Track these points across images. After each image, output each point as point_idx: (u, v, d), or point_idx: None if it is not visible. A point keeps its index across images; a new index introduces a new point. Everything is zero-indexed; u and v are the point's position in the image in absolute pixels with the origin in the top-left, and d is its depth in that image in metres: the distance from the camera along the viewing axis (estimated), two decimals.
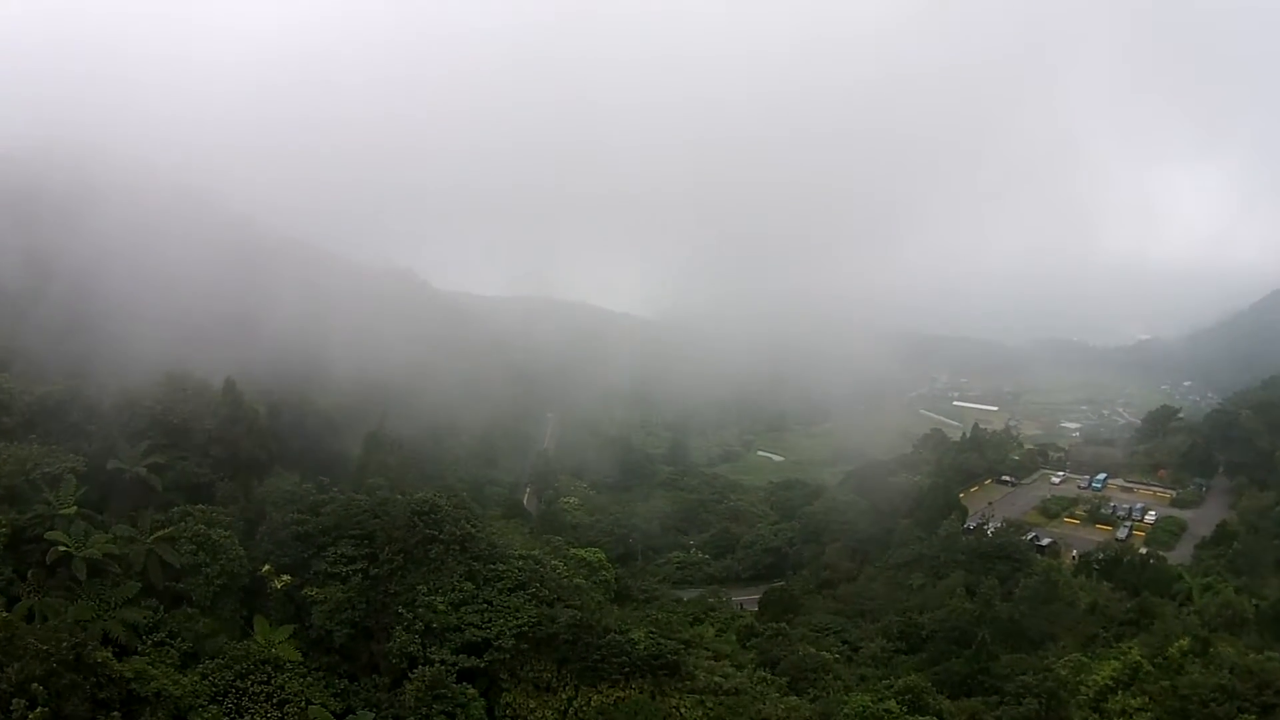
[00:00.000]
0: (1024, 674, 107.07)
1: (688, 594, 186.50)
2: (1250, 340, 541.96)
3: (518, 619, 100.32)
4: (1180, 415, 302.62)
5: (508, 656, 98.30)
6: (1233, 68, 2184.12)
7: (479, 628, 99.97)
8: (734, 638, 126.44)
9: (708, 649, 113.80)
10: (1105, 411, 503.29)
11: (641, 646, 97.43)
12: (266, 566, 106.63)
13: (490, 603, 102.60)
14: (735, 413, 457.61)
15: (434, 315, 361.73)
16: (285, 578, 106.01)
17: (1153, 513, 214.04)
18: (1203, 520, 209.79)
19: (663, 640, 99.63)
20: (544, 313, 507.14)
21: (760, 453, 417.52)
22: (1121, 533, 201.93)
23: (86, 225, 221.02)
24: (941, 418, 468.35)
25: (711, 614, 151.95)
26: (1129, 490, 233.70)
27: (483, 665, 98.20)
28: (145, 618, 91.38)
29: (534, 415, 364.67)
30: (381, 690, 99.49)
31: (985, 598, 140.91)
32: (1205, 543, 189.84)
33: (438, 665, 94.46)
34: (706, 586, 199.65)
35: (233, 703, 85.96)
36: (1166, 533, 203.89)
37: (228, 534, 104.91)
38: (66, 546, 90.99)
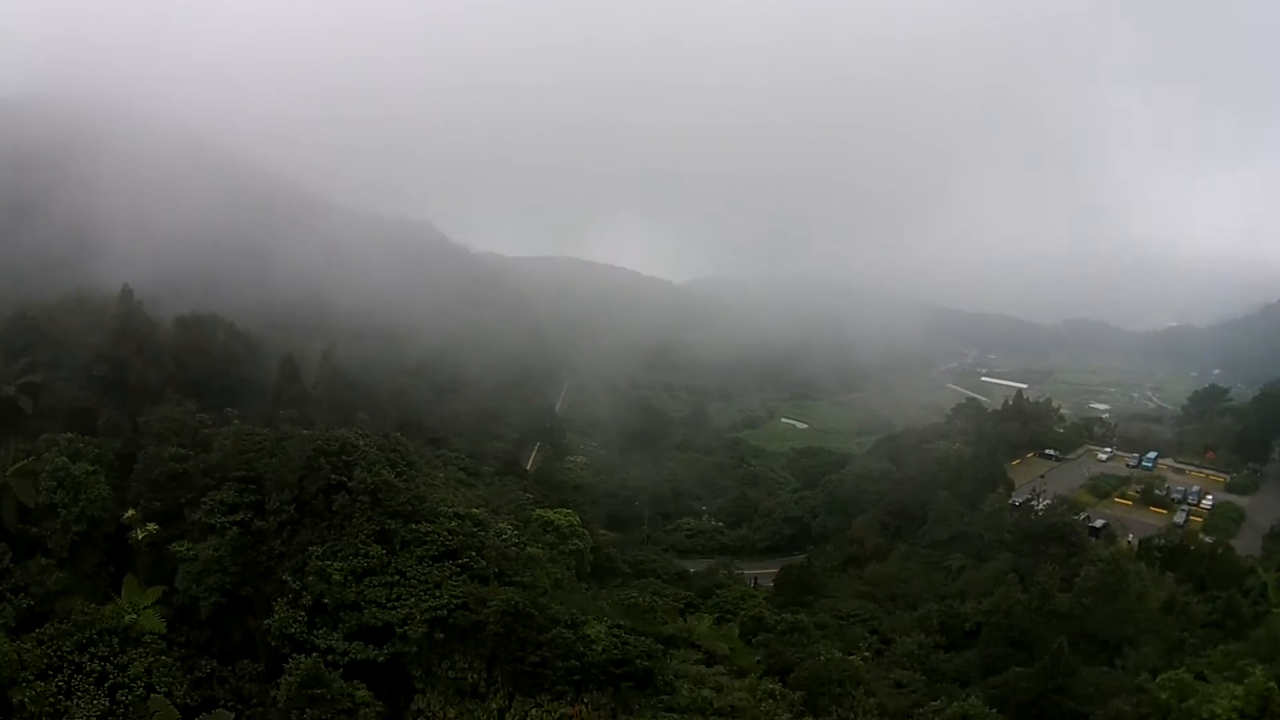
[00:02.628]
0: (1114, 695, 76.16)
1: (696, 565, 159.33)
2: None
3: (435, 599, 70.52)
4: (1229, 396, 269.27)
5: (416, 650, 68.42)
6: (1274, 64, 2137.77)
7: (382, 607, 70.38)
8: (736, 631, 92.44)
9: (699, 648, 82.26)
10: (1134, 395, 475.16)
11: (599, 648, 67.21)
12: (130, 511, 79.23)
13: (403, 574, 72.99)
14: (760, 379, 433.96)
15: (452, 269, 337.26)
16: (151, 527, 78.44)
17: (1210, 497, 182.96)
18: (1261, 508, 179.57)
19: (631, 638, 69.19)
20: (571, 273, 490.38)
21: (784, 420, 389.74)
22: (1179, 517, 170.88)
23: (88, 172, 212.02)
24: (970, 392, 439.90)
25: (717, 592, 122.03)
26: (1180, 472, 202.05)
27: (382, 659, 68.37)
28: None
29: (552, 373, 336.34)
30: (254, 679, 71.99)
31: (1042, 588, 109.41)
32: (1276, 532, 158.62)
33: (315, 656, 65.59)
34: (718, 557, 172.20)
35: (64, 680, 65.67)
36: (1226, 519, 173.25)
37: (94, 470, 78.28)
38: None
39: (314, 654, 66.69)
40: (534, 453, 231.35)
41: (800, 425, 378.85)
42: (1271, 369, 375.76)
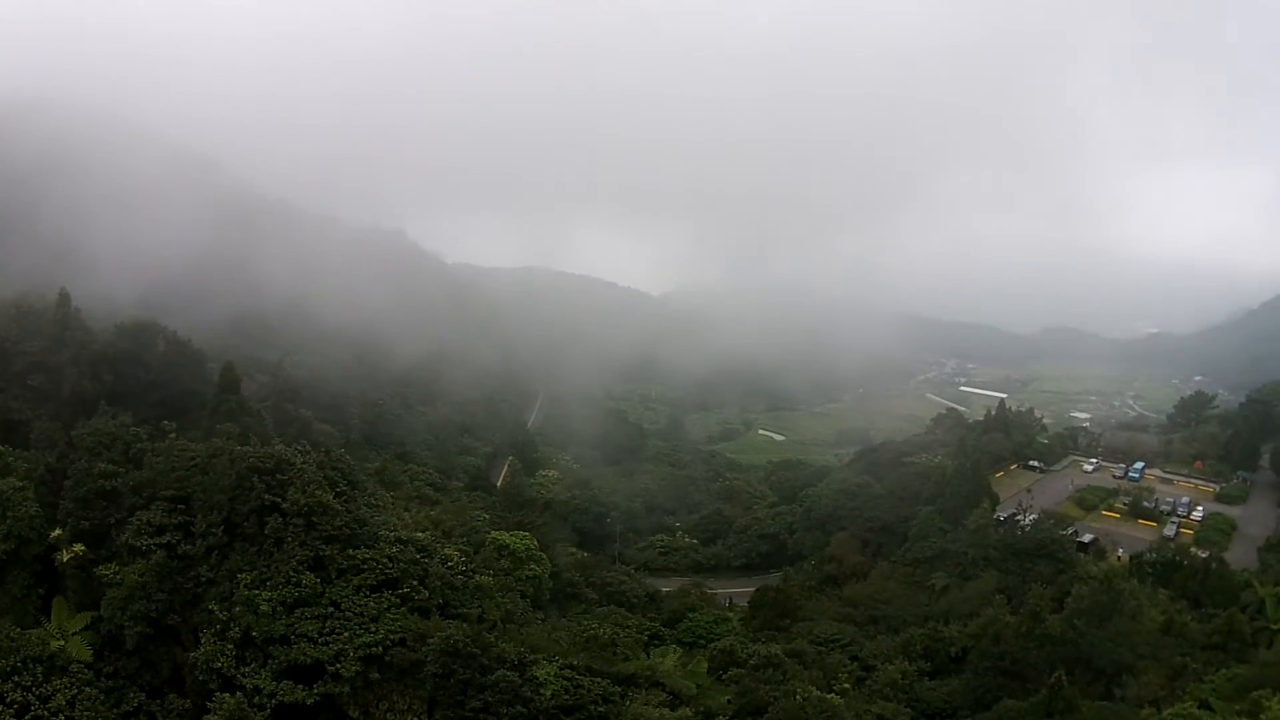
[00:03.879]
0: None
1: (669, 584, 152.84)
2: (1261, 340, 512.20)
3: (371, 634, 63.64)
4: (1215, 404, 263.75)
5: (349, 690, 61.51)
6: (1254, 73, 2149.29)
7: (313, 642, 63.44)
8: (705, 666, 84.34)
9: (663, 687, 73.93)
10: (1115, 403, 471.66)
11: (548, 692, 60.70)
12: (57, 531, 72.75)
13: (337, 605, 65.98)
14: (738, 391, 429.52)
15: (425, 279, 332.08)
16: (78, 548, 71.82)
17: (1200, 508, 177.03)
18: (1252, 518, 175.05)
19: (585, 680, 62.42)
20: (548, 284, 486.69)
21: (761, 432, 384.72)
22: (1169, 530, 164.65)
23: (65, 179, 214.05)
24: (948, 403, 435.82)
25: (689, 616, 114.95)
26: (1168, 482, 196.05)
27: (312, 700, 61.52)
28: None
29: (527, 385, 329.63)
30: (182, 717, 65.92)
31: (1032, 609, 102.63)
32: (1271, 544, 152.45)
33: (240, 697, 59.50)
34: (691, 576, 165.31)
35: None
36: (1217, 531, 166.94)
37: (22, 485, 72.68)
38: None
39: (239, 694, 60.21)
40: (506, 467, 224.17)
41: (778, 437, 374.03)
42: (1253, 375, 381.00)
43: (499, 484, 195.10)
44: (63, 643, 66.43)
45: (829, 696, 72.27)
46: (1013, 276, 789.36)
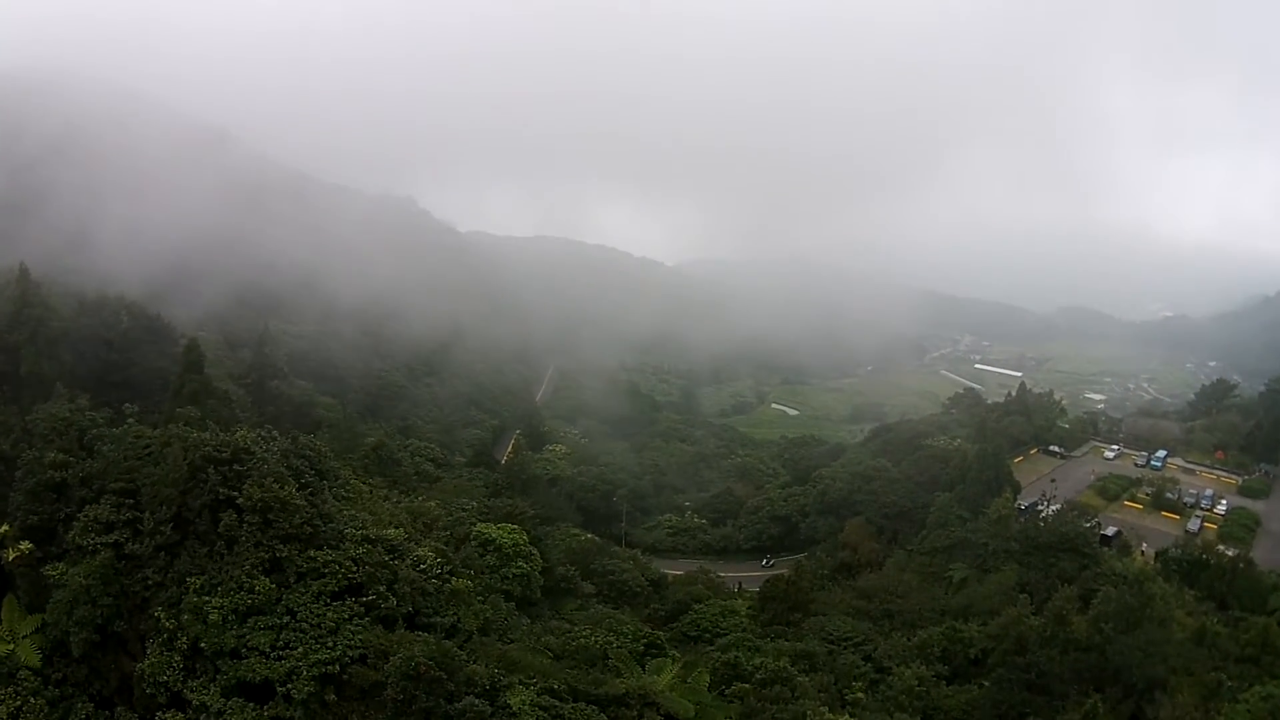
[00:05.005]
0: None
1: (677, 566, 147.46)
2: (1277, 327, 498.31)
3: (328, 650, 56.09)
4: (1236, 392, 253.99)
5: (299, 714, 54.08)
6: (1276, 60, 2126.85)
7: (265, 656, 55.99)
8: (706, 679, 75.01)
9: (657, 707, 65.41)
10: (1130, 386, 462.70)
11: None
12: (4, 527, 65.28)
13: (294, 614, 58.39)
14: (752, 363, 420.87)
15: (436, 248, 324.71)
16: (24, 545, 64.37)
17: (1224, 502, 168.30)
18: (1275, 514, 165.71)
19: (567, 709, 54.77)
20: (562, 254, 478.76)
21: (775, 405, 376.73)
22: (1193, 525, 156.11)
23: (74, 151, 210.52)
24: (964, 380, 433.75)
25: (695, 608, 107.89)
26: (1190, 472, 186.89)
27: None
28: None
29: (538, 356, 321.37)
30: None
31: (1058, 612, 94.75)
32: None
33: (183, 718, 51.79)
34: (700, 559, 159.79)
35: None
36: (1241, 527, 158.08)
37: None
38: None
39: (187, 712, 53.10)
40: (513, 441, 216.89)
41: (791, 412, 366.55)
42: (1268, 362, 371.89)
43: (505, 459, 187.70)
44: (11, 646, 60.93)
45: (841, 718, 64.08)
46: (1029, 255, 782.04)
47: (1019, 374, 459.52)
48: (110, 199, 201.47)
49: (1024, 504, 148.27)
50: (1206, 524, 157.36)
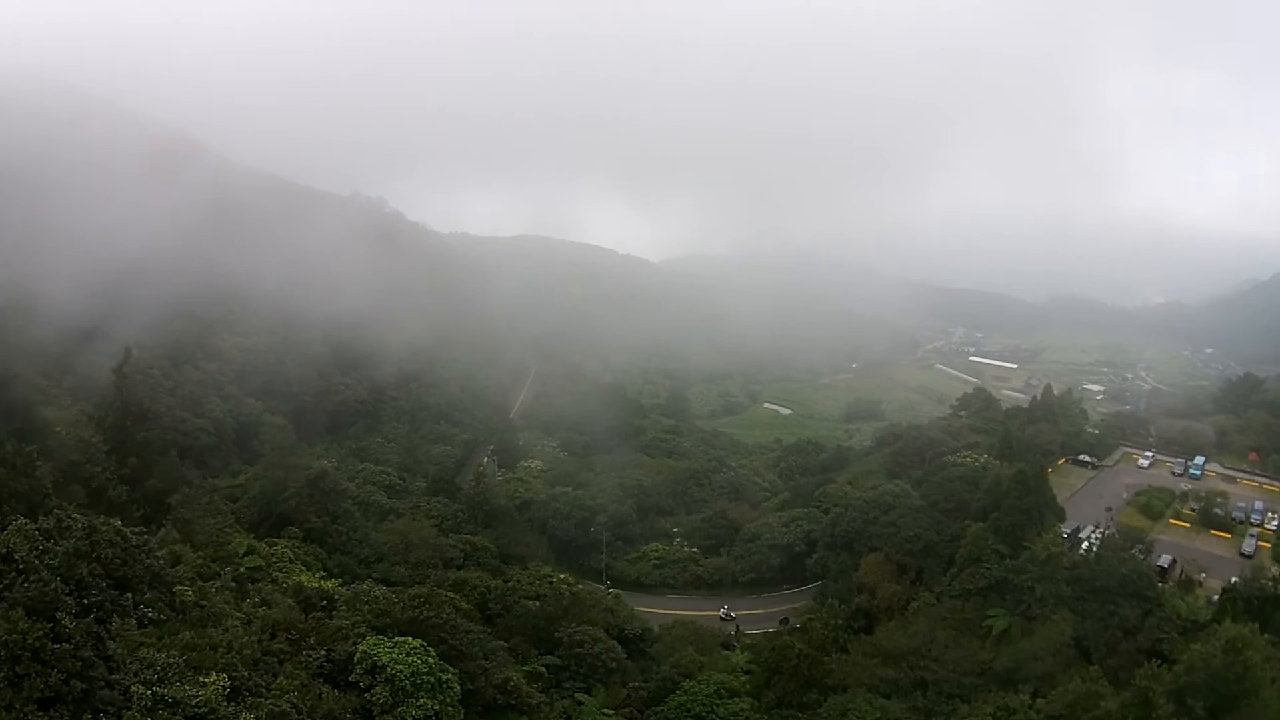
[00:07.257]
0: None
1: (666, 604, 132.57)
2: (1272, 312, 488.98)
3: None
4: (1265, 387, 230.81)
5: None
6: (1271, 46, 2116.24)
7: None
8: None
9: None
10: (1128, 375, 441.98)
11: None
12: None
13: None
14: (741, 361, 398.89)
15: (408, 249, 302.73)
16: None
17: (1276, 517, 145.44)
18: None
19: None
20: (545, 253, 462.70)
21: (766, 405, 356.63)
22: (1248, 546, 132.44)
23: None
24: (958, 373, 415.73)
25: (684, 685, 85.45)
26: (1231, 480, 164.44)
27: None
28: None
29: (518, 359, 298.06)
30: None
31: (1143, 693, 72.14)
32: None
33: None
34: (692, 593, 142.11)
35: None
36: None
37: None
38: None
39: None
40: (486, 458, 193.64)
41: (784, 411, 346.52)
42: (1264, 348, 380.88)
43: (475, 473, 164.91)
44: None
45: None
46: (1019, 244, 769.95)
47: (1014, 365, 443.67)
48: (59, 207, 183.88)
49: (1065, 530, 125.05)
50: (1261, 542, 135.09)
